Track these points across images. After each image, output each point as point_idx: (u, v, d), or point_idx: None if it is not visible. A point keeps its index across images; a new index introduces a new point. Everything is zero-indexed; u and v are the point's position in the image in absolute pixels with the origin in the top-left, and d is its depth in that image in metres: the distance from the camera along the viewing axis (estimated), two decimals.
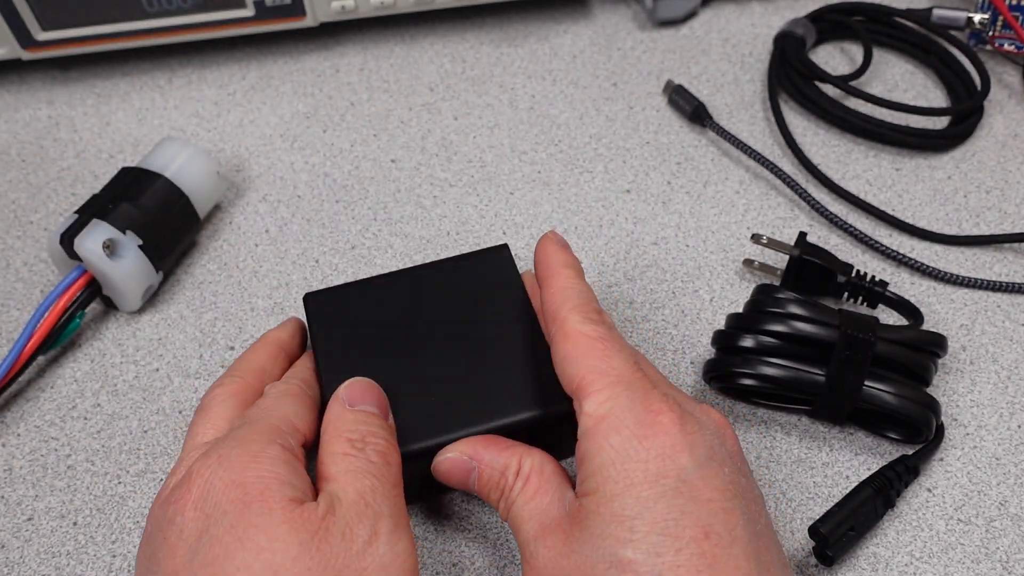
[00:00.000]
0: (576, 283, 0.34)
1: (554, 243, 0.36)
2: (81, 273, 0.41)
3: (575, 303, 0.33)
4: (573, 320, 0.32)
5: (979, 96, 0.49)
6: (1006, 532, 0.36)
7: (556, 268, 0.35)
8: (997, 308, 0.43)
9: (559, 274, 0.34)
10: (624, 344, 0.32)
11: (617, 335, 0.32)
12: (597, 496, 0.29)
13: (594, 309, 0.33)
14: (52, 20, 0.49)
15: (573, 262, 0.35)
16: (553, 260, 0.35)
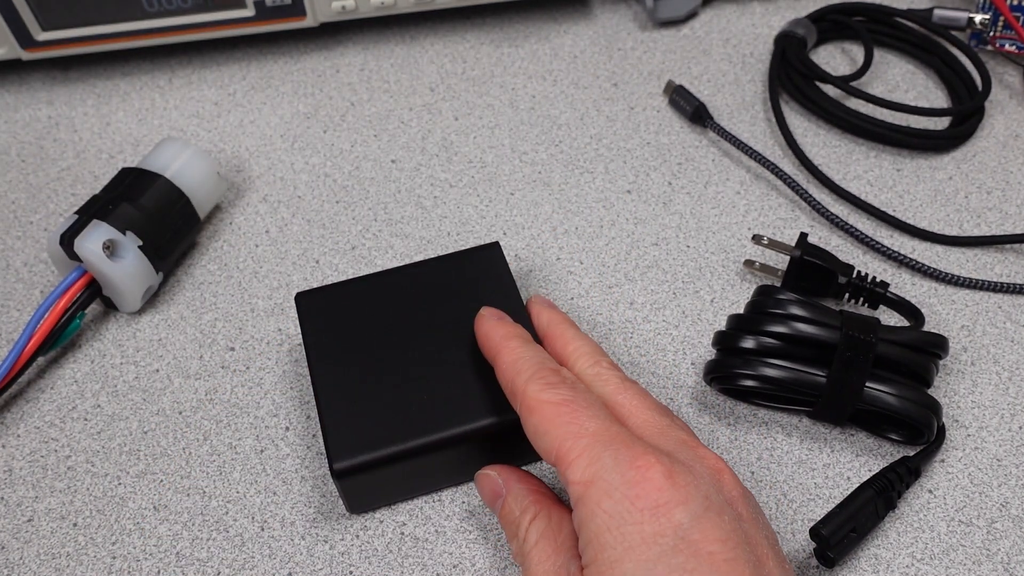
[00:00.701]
0: (523, 351, 0.33)
1: (489, 320, 0.35)
2: (81, 274, 0.41)
3: (528, 372, 0.32)
4: (531, 390, 0.31)
5: (980, 97, 0.49)
6: (1007, 534, 0.36)
7: (499, 343, 0.34)
8: (998, 309, 0.43)
9: (504, 348, 0.34)
10: (591, 399, 0.31)
11: (581, 391, 0.31)
12: (597, 565, 0.28)
13: (550, 371, 0.32)
14: (52, 20, 0.49)
15: (515, 331, 0.35)
16: (493, 337, 0.34)
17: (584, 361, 0.34)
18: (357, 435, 0.34)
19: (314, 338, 0.37)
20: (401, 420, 0.34)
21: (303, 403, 0.40)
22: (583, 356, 0.34)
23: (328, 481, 0.37)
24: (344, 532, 0.36)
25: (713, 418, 0.39)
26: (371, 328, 0.37)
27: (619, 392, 0.33)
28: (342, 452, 0.34)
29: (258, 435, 0.39)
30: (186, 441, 0.39)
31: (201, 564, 0.35)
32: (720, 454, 0.38)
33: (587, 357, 0.34)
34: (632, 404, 0.32)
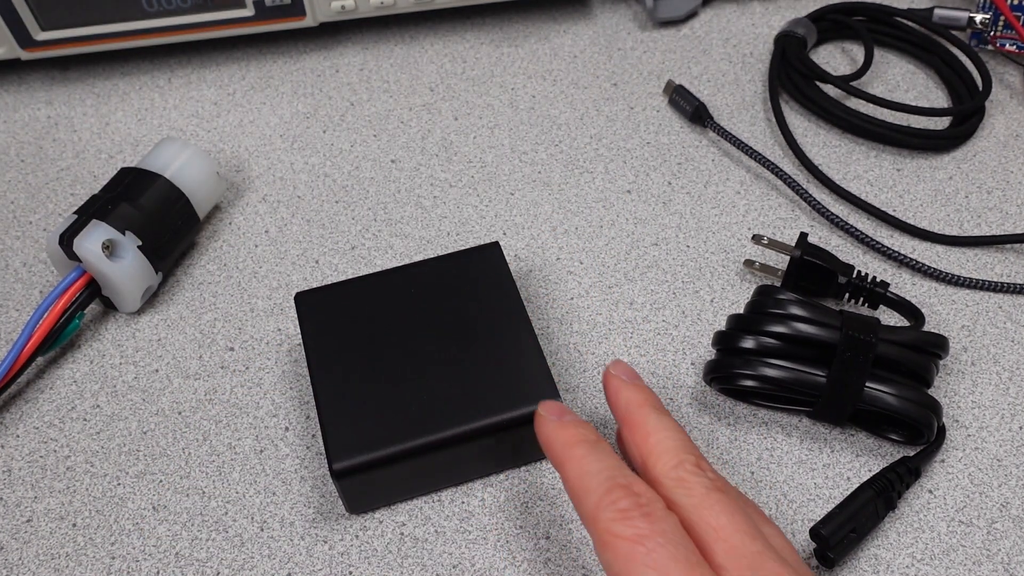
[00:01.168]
0: (591, 463, 0.30)
1: (549, 421, 0.32)
2: (80, 274, 0.40)
3: (598, 493, 0.29)
4: (603, 520, 0.28)
5: (980, 96, 0.49)
6: (1008, 534, 0.36)
7: (562, 453, 0.31)
8: (999, 309, 0.43)
9: (568, 459, 0.30)
10: (670, 532, 0.28)
11: (659, 519, 0.28)
12: None
13: (622, 489, 0.29)
14: (51, 20, 0.49)
15: (579, 435, 0.31)
16: (555, 444, 0.31)
17: (666, 461, 0.30)
18: (356, 435, 0.34)
19: (313, 338, 0.37)
20: (400, 420, 0.34)
21: (302, 403, 0.40)
22: (665, 454, 0.31)
23: (327, 481, 0.37)
24: (343, 532, 0.36)
25: (713, 418, 0.39)
26: (370, 328, 0.37)
27: (704, 506, 0.29)
28: (341, 452, 0.34)
29: (257, 435, 0.39)
30: (185, 441, 0.39)
31: (200, 564, 0.35)
32: (720, 454, 0.38)
33: (669, 456, 0.30)
34: (719, 524, 0.28)
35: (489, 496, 0.37)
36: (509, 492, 0.37)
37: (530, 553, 0.35)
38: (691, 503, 0.29)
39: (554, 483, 0.37)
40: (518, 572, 0.35)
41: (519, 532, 0.36)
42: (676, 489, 0.29)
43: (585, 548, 0.36)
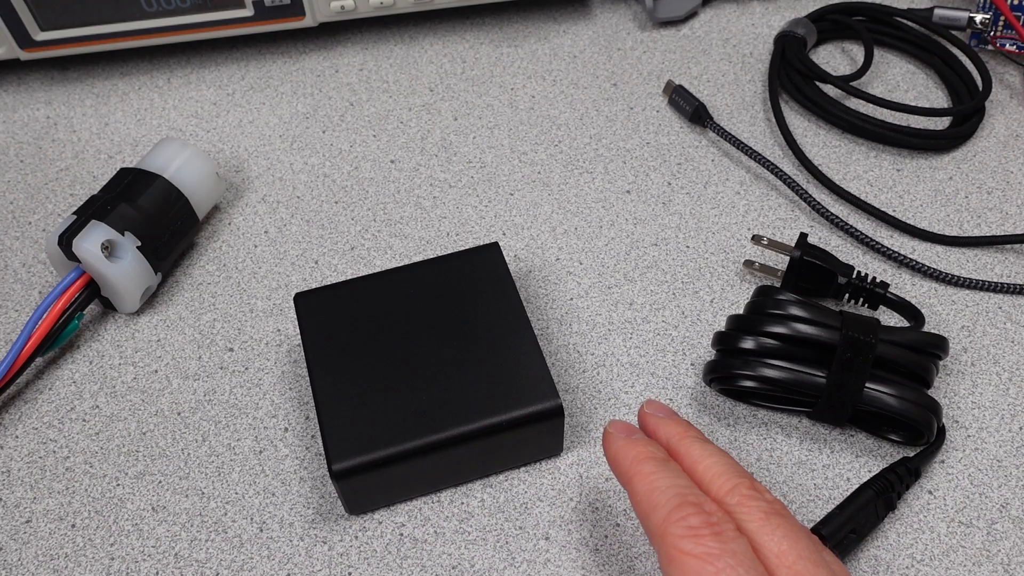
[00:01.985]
0: (659, 478, 0.29)
1: (617, 439, 0.32)
2: (79, 274, 0.40)
3: (667, 508, 0.28)
4: (671, 536, 0.28)
5: (980, 96, 0.49)
6: (1008, 535, 0.36)
7: (630, 468, 0.30)
8: (998, 310, 0.42)
9: (636, 474, 0.30)
10: (739, 553, 0.27)
11: (729, 539, 0.28)
12: None
13: (692, 507, 0.28)
14: (50, 20, 0.49)
15: (647, 451, 0.31)
16: (623, 460, 0.31)
17: (720, 486, 0.30)
18: (356, 436, 0.34)
19: (313, 339, 0.37)
20: (400, 421, 0.34)
21: (302, 404, 0.40)
22: (717, 479, 0.30)
23: (327, 482, 0.37)
24: (343, 533, 0.36)
25: (713, 419, 0.39)
26: (370, 329, 0.37)
27: (764, 531, 0.28)
28: (341, 453, 0.34)
29: (257, 436, 0.39)
30: (185, 442, 0.39)
31: (200, 565, 0.35)
32: None
33: (723, 480, 0.30)
34: (780, 549, 0.28)
35: (488, 497, 0.37)
36: (508, 493, 0.37)
37: (529, 554, 0.35)
38: (751, 527, 0.28)
39: (553, 484, 0.37)
40: (517, 573, 0.35)
41: (518, 533, 0.36)
42: (735, 514, 0.29)
43: (584, 549, 0.36)
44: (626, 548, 0.36)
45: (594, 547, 0.36)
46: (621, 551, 0.36)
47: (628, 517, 0.36)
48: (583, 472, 0.38)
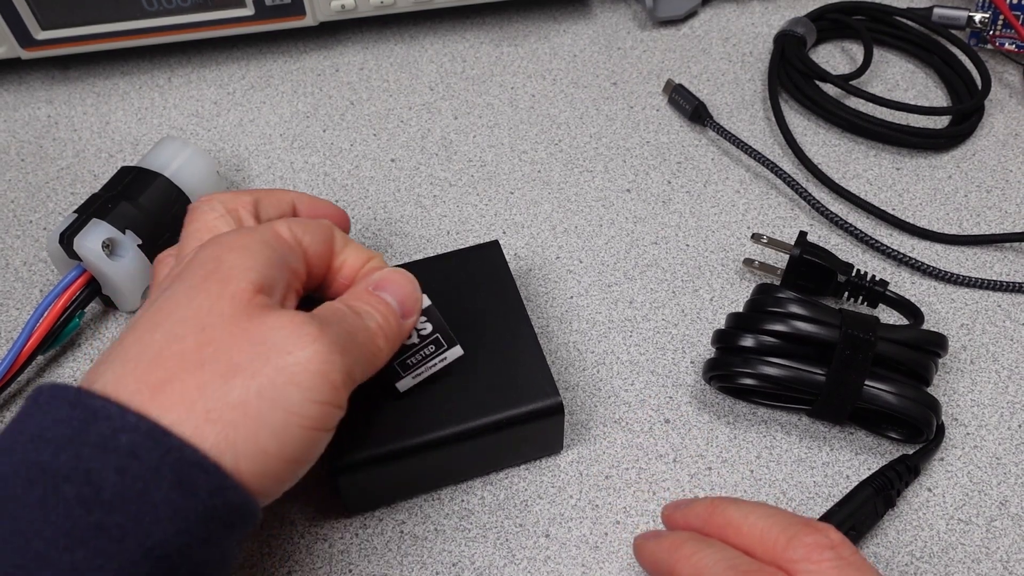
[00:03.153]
0: (703, 556, 0.28)
1: (647, 540, 0.31)
2: (80, 272, 0.40)
3: None
4: None
5: (980, 95, 0.49)
6: (1007, 532, 0.36)
7: (671, 557, 0.29)
8: (998, 308, 0.43)
9: (679, 560, 0.29)
10: None
11: None
12: None
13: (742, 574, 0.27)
14: (51, 19, 0.49)
15: (681, 537, 0.30)
16: (661, 554, 0.30)
17: (774, 542, 0.28)
18: (356, 433, 0.34)
19: None
20: (400, 418, 0.34)
21: None
22: (767, 536, 0.28)
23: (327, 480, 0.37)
24: (343, 531, 0.36)
25: (712, 416, 0.39)
26: None
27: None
28: (341, 450, 0.34)
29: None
30: None
31: None
32: (719, 452, 0.38)
33: (774, 535, 0.28)
34: None
35: (489, 494, 0.37)
36: (509, 490, 0.37)
37: (530, 551, 0.35)
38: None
39: (553, 481, 0.37)
40: (518, 570, 0.35)
41: (519, 530, 0.36)
42: (800, 569, 0.27)
43: (584, 546, 0.36)
44: (626, 545, 0.36)
45: (594, 544, 0.36)
46: (621, 548, 0.36)
47: (628, 515, 0.36)
48: (583, 470, 0.38)
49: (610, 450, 0.38)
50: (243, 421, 0.26)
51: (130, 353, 0.28)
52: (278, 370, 0.27)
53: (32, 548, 0.24)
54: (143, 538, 0.25)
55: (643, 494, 0.37)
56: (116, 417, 0.25)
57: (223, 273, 0.29)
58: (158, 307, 0.29)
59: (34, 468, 0.25)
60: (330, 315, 0.30)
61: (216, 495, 0.26)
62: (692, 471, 0.38)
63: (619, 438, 0.38)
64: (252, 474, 0.27)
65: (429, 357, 0.35)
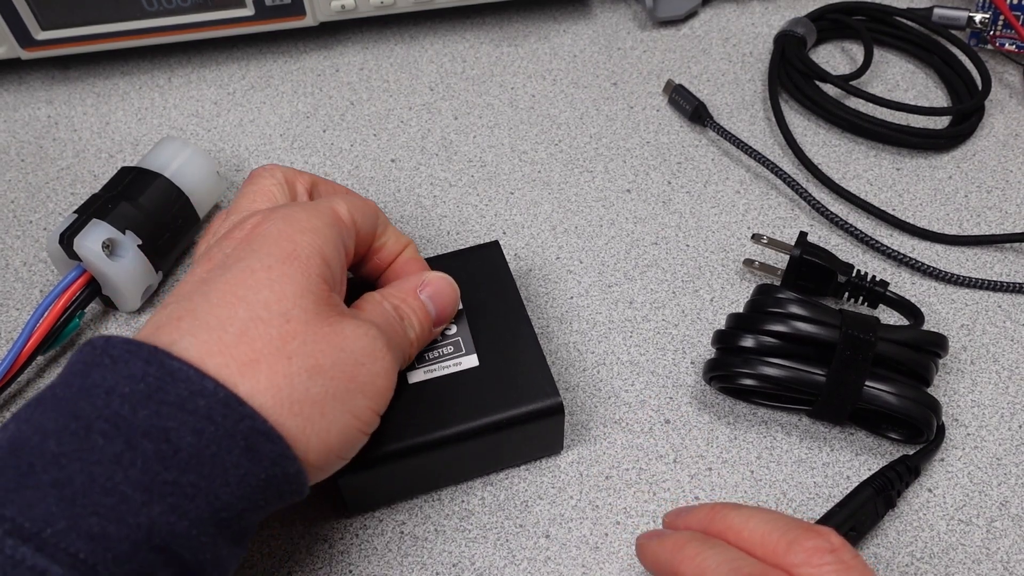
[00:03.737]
0: (705, 558, 0.28)
1: (649, 541, 0.31)
2: (80, 273, 0.40)
3: None
4: None
5: (980, 96, 0.49)
6: (1007, 532, 0.36)
7: (673, 557, 0.29)
8: (998, 308, 0.43)
9: (682, 561, 0.28)
10: None
11: None
12: None
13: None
14: (51, 19, 0.49)
15: (683, 538, 0.29)
16: (663, 555, 0.29)
17: (775, 545, 0.28)
18: None
19: None
20: (400, 418, 0.34)
21: None
22: (768, 539, 0.28)
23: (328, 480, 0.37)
24: (344, 531, 0.36)
25: (713, 417, 0.39)
26: None
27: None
28: None
29: None
30: None
31: None
32: (720, 453, 0.38)
33: (775, 538, 0.28)
34: None
35: (489, 495, 0.37)
36: (509, 491, 0.37)
37: (530, 552, 0.35)
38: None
39: (554, 482, 0.37)
40: (518, 571, 0.35)
41: (519, 531, 0.36)
42: (801, 572, 0.27)
43: (584, 547, 0.36)
44: (626, 546, 0.36)
45: (594, 545, 0.36)
46: (621, 549, 0.36)
47: (628, 515, 0.36)
48: (583, 470, 0.38)
49: (610, 451, 0.38)
50: (319, 418, 0.29)
51: (210, 321, 0.28)
52: (352, 378, 0.30)
53: (110, 499, 0.25)
54: (212, 499, 0.26)
55: (643, 495, 0.37)
56: (195, 380, 0.27)
57: (302, 261, 0.30)
58: (234, 278, 0.29)
59: (112, 420, 0.26)
60: (383, 322, 0.32)
61: (277, 464, 0.27)
62: (692, 471, 0.38)
63: (619, 438, 0.38)
64: (312, 464, 0.29)
65: (445, 357, 0.35)
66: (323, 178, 0.38)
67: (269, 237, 0.31)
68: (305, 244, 0.30)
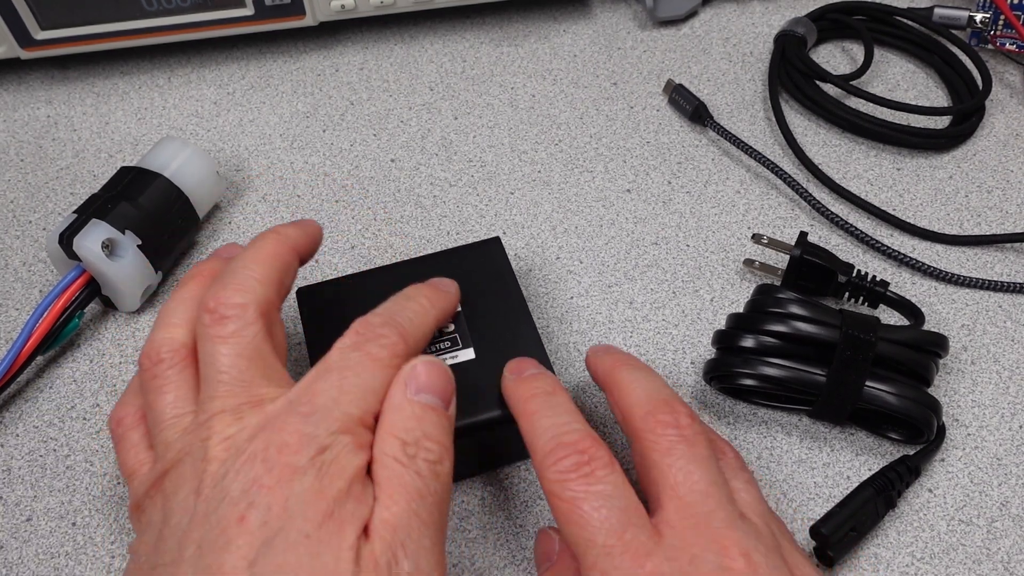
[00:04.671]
0: (539, 419, 0.30)
1: (507, 380, 0.33)
2: (80, 273, 0.40)
3: (543, 451, 0.30)
4: (547, 477, 0.29)
5: (980, 96, 0.49)
6: (1008, 533, 0.36)
7: (518, 409, 0.32)
8: (999, 308, 0.43)
9: (522, 415, 0.31)
10: (611, 500, 0.28)
11: (596, 480, 0.28)
12: None
13: (566, 448, 0.29)
14: (51, 19, 0.49)
15: (532, 389, 0.32)
16: (512, 402, 0.32)
17: (635, 413, 0.31)
18: None
19: (315, 333, 0.37)
20: None
21: None
22: (635, 406, 0.31)
23: None
24: None
25: (713, 417, 0.39)
26: None
27: (665, 463, 0.29)
28: None
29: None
30: None
31: None
32: None
33: (639, 407, 0.31)
34: (675, 480, 0.29)
35: (489, 494, 0.37)
36: (509, 490, 0.37)
37: (530, 552, 0.35)
38: (655, 458, 0.29)
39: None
40: (518, 571, 0.35)
41: (519, 531, 0.36)
42: (646, 442, 0.30)
43: None
44: None
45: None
46: None
47: None
48: None
49: (610, 450, 0.38)
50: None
51: None
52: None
53: None
54: None
55: None
56: None
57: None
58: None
59: None
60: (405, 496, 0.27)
61: None
62: None
63: (619, 438, 0.38)
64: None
65: (442, 351, 0.35)
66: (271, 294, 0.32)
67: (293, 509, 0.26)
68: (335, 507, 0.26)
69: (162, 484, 0.28)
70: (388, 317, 0.31)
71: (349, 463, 0.27)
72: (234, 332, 0.29)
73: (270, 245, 0.32)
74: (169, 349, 0.31)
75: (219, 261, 0.34)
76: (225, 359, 0.29)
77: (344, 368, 0.29)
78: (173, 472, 0.28)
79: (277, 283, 0.32)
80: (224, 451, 0.27)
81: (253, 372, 0.29)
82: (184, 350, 0.31)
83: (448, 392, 0.30)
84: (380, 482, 0.27)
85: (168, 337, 0.31)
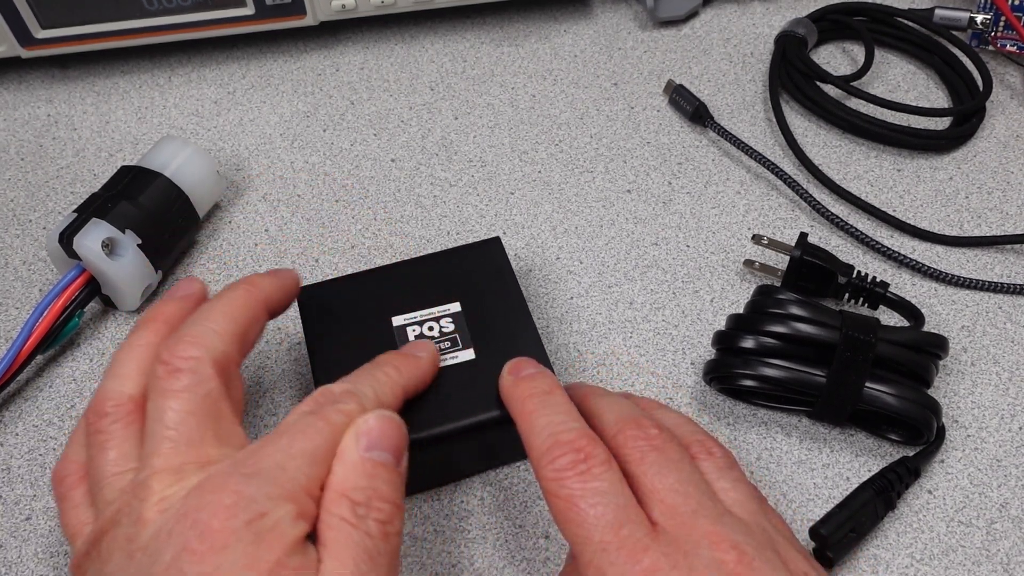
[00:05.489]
0: (537, 418, 0.31)
1: (504, 380, 0.33)
2: (80, 272, 0.40)
3: (539, 449, 0.29)
4: (543, 476, 0.29)
5: (981, 97, 0.49)
6: (1007, 534, 0.36)
7: (514, 409, 0.32)
8: (998, 309, 0.43)
9: (520, 415, 0.31)
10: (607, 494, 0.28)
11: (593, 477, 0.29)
12: None
13: (564, 447, 0.29)
14: (51, 18, 0.49)
15: (531, 389, 0.32)
16: (510, 402, 0.33)
17: (608, 435, 0.31)
18: None
19: (315, 333, 0.37)
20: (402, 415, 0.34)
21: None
22: (607, 428, 0.31)
23: None
24: None
25: (713, 418, 0.39)
26: (372, 323, 0.37)
27: (639, 470, 0.29)
28: None
29: (257, 434, 0.39)
30: None
31: None
32: None
33: (609, 429, 0.31)
34: (653, 486, 0.29)
35: (488, 495, 0.37)
36: (509, 491, 0.37)
37: (530, 552, 0.35)
38: (631, 469, 0.30)
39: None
40: (518, 571, 0.35)
41: (518, 531, 0.36)
42: (620, 457, 0.30)
43: None
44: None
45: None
46: None
47: None
48: None
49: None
50: None
51: None
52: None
53: None
54: None
55: None
56: None
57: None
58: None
59: None
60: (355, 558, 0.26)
61: None
62: None
63: None
64: None
65: (442, 352, 0.35)
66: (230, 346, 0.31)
67: None
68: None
69: (99, 546, 0.27)
70: (351, 385, 0.31)
71: (287, 533, 0.26)
72: (187, 387, 0.28)
73: (239, 297, 0.32)
74: (115, 403, 0.30)
75: (174, 303, 0.33)
76: (174, 415, 0.28)
77: (296, 432, 0.28)
78: (109, 534, 0.27)
79: (239, 338, 0.31)
80: (158, 513, 0.26)
81: (203, 431, 0.28)
82: (131, 404, 0.30)
83: (400, 447, 0.30)
84: (327, 543, 0.26)
85: (116, 390, 0.30)
